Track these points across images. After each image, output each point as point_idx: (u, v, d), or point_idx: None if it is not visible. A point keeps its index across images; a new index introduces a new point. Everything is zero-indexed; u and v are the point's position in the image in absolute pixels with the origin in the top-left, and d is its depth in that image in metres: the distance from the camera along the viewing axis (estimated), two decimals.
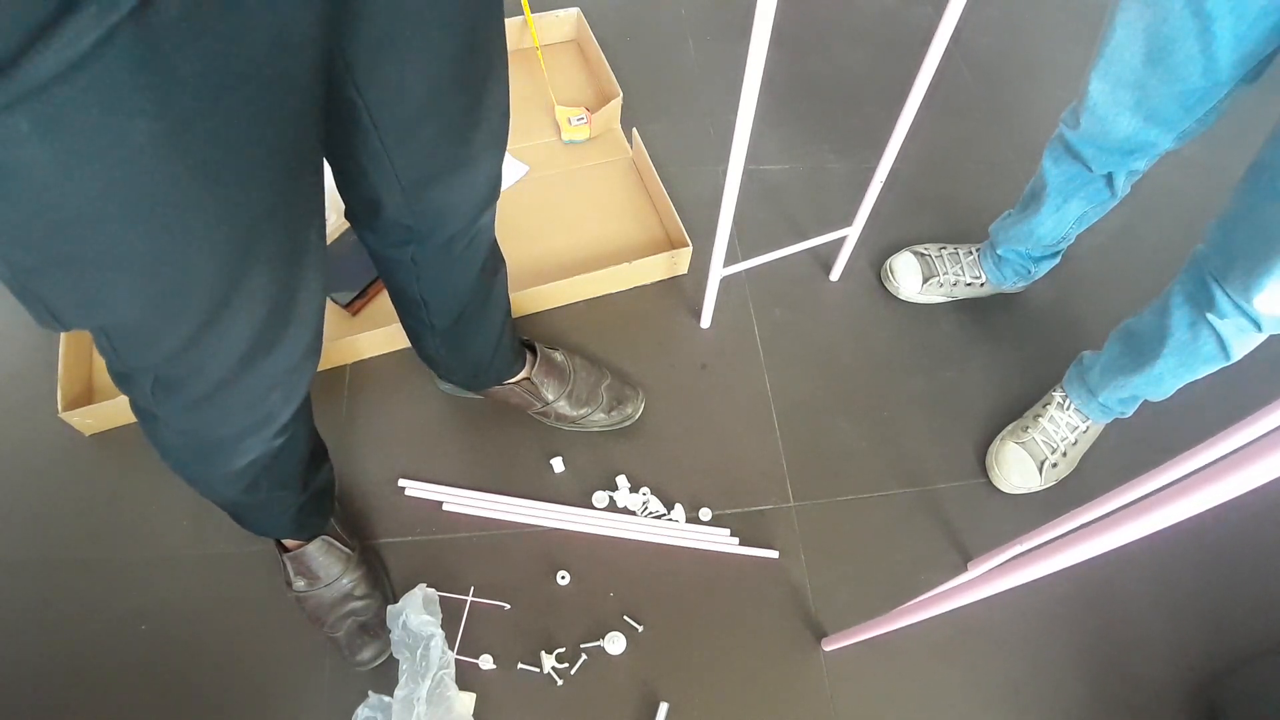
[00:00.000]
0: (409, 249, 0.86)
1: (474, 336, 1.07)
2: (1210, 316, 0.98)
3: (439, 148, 0.72)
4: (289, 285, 0.62)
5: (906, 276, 1.43)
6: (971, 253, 1.44)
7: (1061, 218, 1.24)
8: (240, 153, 0.50)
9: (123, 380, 0.69)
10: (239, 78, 0.46)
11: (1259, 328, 0.95)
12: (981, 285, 1.43)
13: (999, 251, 1.38)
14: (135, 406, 0.75)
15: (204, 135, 0.47)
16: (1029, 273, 1.39)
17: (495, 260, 1.01)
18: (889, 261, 1.46)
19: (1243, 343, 0.99)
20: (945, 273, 1.43)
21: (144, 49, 0.41)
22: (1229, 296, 0.95)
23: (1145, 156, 1.08)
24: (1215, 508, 0.46)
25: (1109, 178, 1.14)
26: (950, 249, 1.45)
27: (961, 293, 1.45)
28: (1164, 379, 1.11)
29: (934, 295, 1.45)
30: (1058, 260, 1.39)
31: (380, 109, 0.64)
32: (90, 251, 0.49)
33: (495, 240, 0.99)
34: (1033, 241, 1.31)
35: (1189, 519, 0.48)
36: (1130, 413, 1.23)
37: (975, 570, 1.10)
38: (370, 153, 0.68)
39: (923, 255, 1.44)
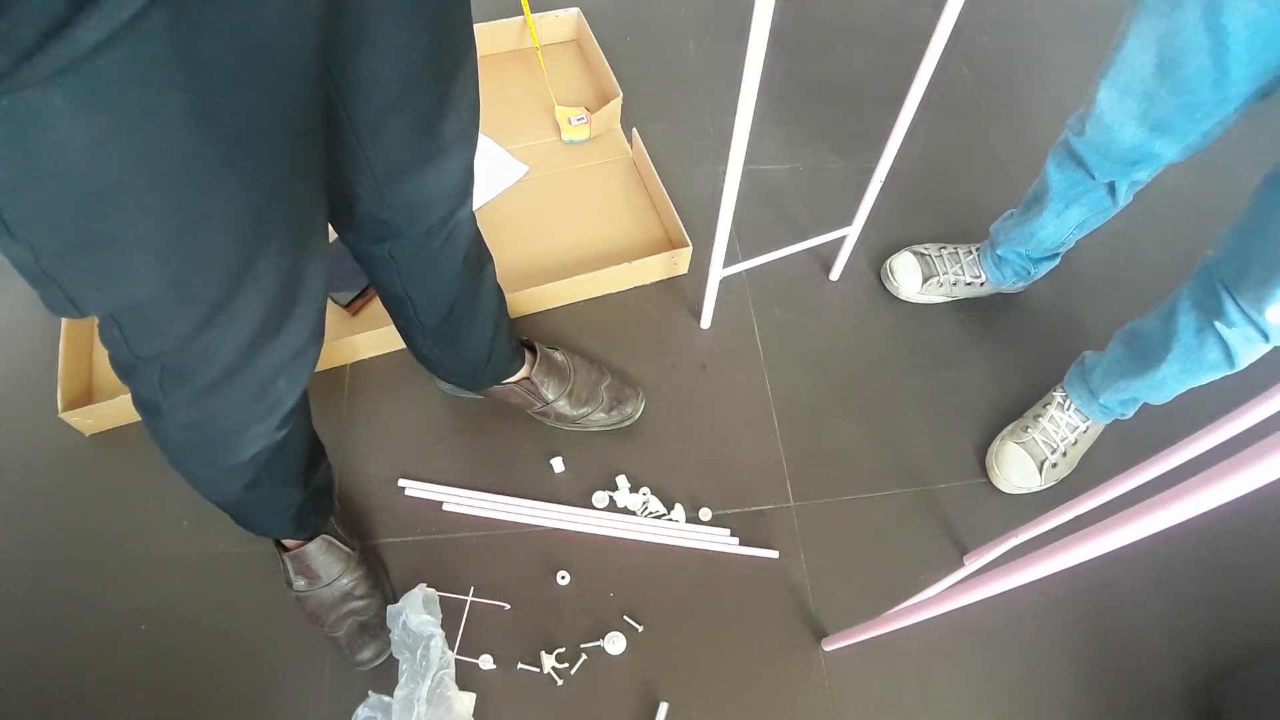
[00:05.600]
0: (386, 245, 0.87)
1: (466, 334, 1.07)
2: (1218, 324, 0.97)
3: (410, 140, 0.73)
4: (297, 264, 0.63)
5: (906, 276, 1.43)
6: (971, 252, 1.44)
7: (1063, 222, 1.24)
8: (258, 126, 0.51)
9: (128, 372, 0.69)
10: (258, 51, 0.47)
11: (1266, 339, 0.95)
12: (981, 285, 1.43)
13: (999, 252, 1.38)
14: (139, 400, 0.75)
15: (227, 108, 0.48)
16: (1029, 273, 1.39)
17: (480, 255, 1.01)
18: (889, 261, 1.46)
19: (1249, 352, 0.99)
20: (945, 272, 1.43)
21: (176, 21, 0.41)
22: (1239, 306, 0.94)
23: (1148, 167, 1.07)
24: (1215, 507, 0.46)
25: (1111, 186, 1.14)
26: (950, 249, 1.45)
27: (961, 292, 1.45)
28: (1167, 383, 1.10)
29: (934, 295, 1.45)
30: (1057, 261, 1.39)
31: (353, 101, 0.65)
32: (115, 230, 0.50)
33: (479, 235, 1.00)
34: (1034, 244, 1.31)
35: (1189, 518, 0.48)
36: (1130, 414, 1.23)
37: (972, 565, 1.10)
38: (344, 146, 0.69)
39: (922, 255, 1.44)
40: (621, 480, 1.24)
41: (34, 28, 0.37)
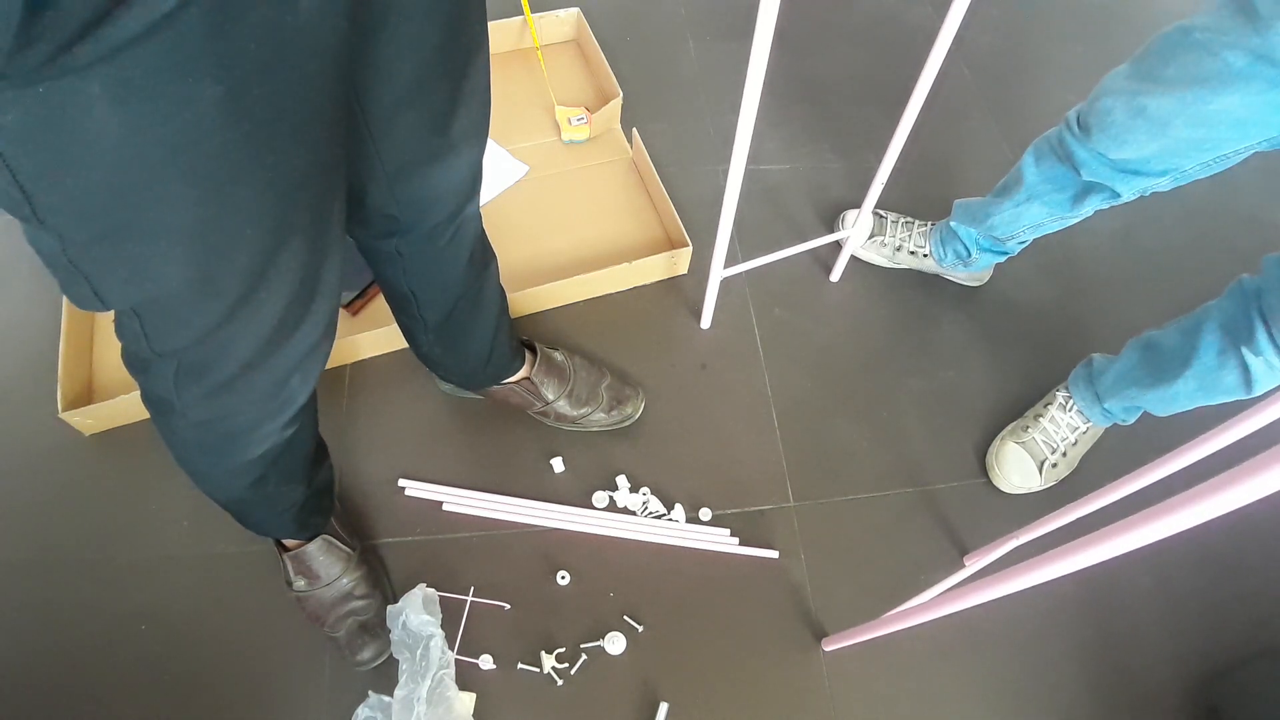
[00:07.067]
0: (393, 240, 0.87)
1: (468, 333, 1.07)
2: (1245, 350, 0.97)
3: (421, 135, 0.73)
4: (316, 258, 0.63)
5: (857, 228, 1.39)
6: (925, 225, 1.45)
7: (1018, 214, 1.22)
8: (287, 118, 0.51)
9: (143, 368, 0.69)
10: (290, 43, 0.48)
11: None
12: (924, 257, 1.44)
13: (951, 224, 1.37)
14: (150, 397, 0.75)
15: (259, 99, 0.48)
16: (968, 255, 1.37)
17: (485, 254, 1.01)
18: (846, 213, 1.48)
19: (1269, 381, 0.98)
20: (892, 235, 1.44)
21: (213, 14, 0.42)
22: (1271, 336, 0.93)
23: (1135, 184, 1.06)
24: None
25: (1082, 192, 1.12)
26: (906, 219, 1.46)
27: (904, 260, 1.46)
28: (1178, 399, 1.09)
29: (875, 255, 1.47)
30: (1001, 258, 1.37)
31: (366, 94, 0.65)
32: (144, 220, 0.50)
33: (484, 234, 1.00)
34: (984, 226, 1.29)
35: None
36: (1132, 421, 1.23)
37: (972, 566, 1.10)
38: (355, 139, 0.69)
39: (880, 216, 1.46)
40: (621, 480, 1.24)
41: (75, 18, 0.37)
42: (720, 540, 1.20)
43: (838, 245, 1.43)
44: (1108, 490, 0.86)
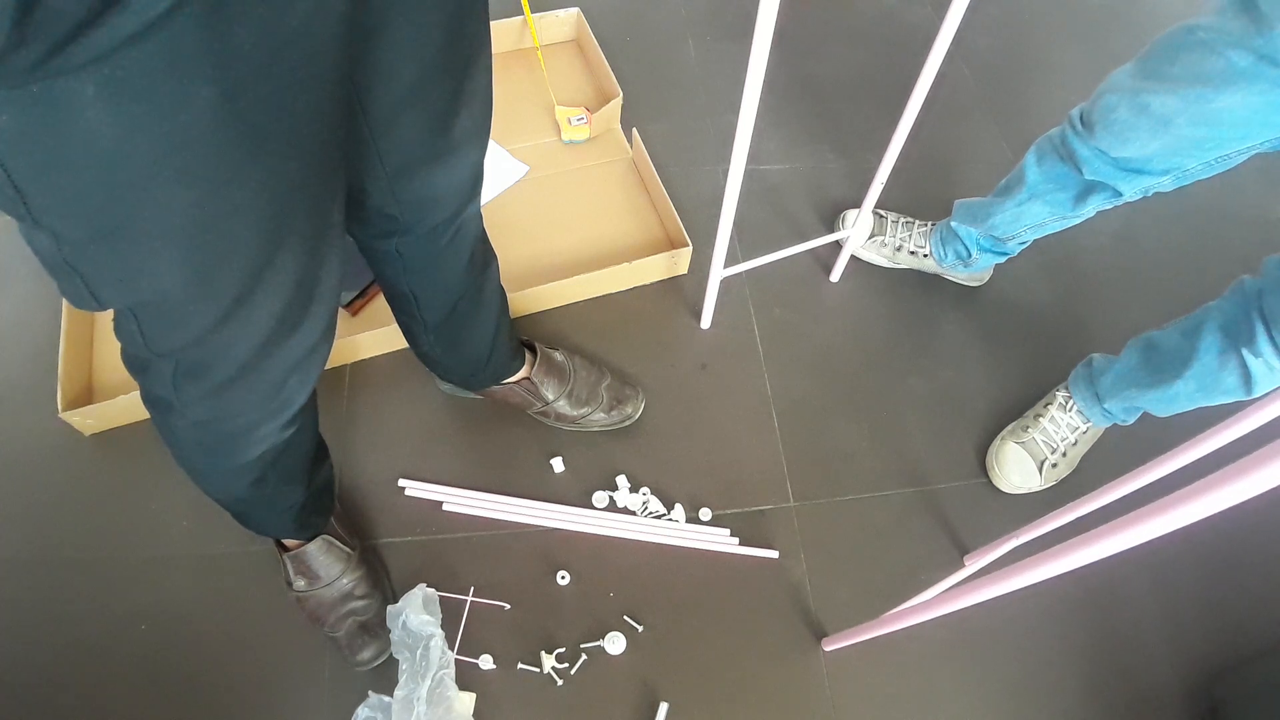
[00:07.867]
0: (393, 240, 0.87)
1: (469, 333, 1.07)
2: (1245, 351, 0.97)
3: (423, 135, 0.73)
4: (314, 260, 0.63)
5: (857, 228, 1.39)
6: (925, 225, 1.45)
7: (1020, 214, 1.22)
8: (285, 119, 0.51)
9: (142, 368, 0.69)
10: (287, 44, 0.48)
11: None
12: (924, 257, 1.44)
13: (952, 224, 1.37)
14: (149, 397, 0.75)
15: (255, 100, 0.48)
16: (968, 255, 1.36)
17: (485, 255, 1.01)
18: (846, 213, 1.48)
19: (1269, 382, 0.98)
20: (893, 235, 1.44)
21: (209, 15, 0.42)
22: (1272, 338, 0.93)
23: (1136, 185, 1.06)
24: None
25: (1084, 191, 1.12)
26: (907, 219, 1.46)
27: (904, 260, 1.46)
28: (1178, 399, 1.09)
29: (876, 255, 1.47)
30: (1001, 259, 1.37)
31: (368, 94, 0.65)
32: (140, 220, 0.50)
33: (485, 235, 1.00)
34: (985, 226, 1.29)
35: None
36: (1132, 421, 1.23)
37: (972, 565, 1.10)
38: (356, 139, 0.69)
39: (880, 216, 1.46)
40: (621, 480, 1.24)
41: (68, 18, 0.37)
42: (720, 540, 1.20)
43: (838, 245, 1.43)
44: (1108, 490, 0.86)
